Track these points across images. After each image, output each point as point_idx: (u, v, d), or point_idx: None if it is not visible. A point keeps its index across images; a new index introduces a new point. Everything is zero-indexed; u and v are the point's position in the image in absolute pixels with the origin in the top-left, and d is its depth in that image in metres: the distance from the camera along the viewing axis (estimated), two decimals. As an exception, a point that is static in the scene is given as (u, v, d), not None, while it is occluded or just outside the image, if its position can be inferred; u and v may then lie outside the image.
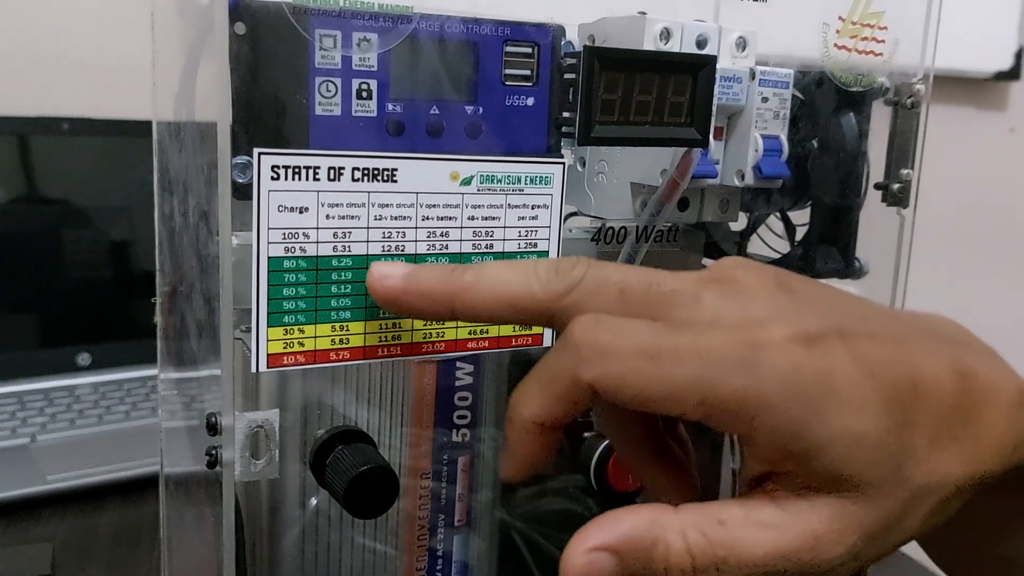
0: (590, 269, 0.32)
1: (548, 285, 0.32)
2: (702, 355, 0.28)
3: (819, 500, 0.29)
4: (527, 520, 0.49)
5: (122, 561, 0.66)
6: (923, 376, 0.30)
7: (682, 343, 0.29)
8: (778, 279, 0.32)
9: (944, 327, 0.34)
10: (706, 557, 0.28)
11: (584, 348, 0.29)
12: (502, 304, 0.32)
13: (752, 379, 0.28)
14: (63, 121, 0.94)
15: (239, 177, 0.36)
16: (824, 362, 0.29)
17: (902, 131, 0.49)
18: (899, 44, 0.47)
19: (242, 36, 0.35)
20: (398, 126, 0.38)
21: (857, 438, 0.28)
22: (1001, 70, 1.45)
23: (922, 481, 0.29)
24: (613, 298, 0.31)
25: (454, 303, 0.33)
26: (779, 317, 0.29)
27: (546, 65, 0.41)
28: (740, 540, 0.28)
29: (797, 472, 0.29)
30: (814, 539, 0.29)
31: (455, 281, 0.33)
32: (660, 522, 0.29)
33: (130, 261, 0.99)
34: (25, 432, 0.82)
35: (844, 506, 0.29)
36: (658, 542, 0.28)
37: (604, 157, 0.48)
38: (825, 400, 0.28)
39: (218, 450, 0.36)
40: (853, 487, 0.29)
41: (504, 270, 0.32)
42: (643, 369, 0.28)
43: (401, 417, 0.44)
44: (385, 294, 0.34)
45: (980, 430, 0.30)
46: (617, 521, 0.29)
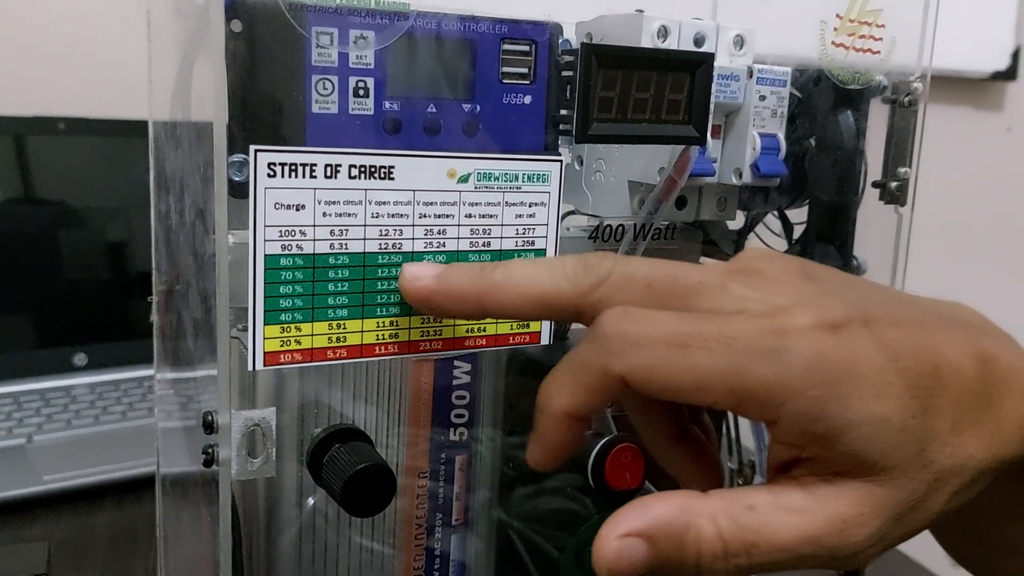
0: (617, 264, 0.32)
1: (576, 281, 0.32)
2: (730, 343, 0.29)
3: (845, 484, 0.30)
4: (525, 519, 0.49)
5: (118, 561, 0.66)
6: (946, 361, 0.30)
7: (710, 332, 0.29)
8: (803, 268, 0.33)
9: (964, 313, 0.35)
10: (737, 542, 0.29)
11: (614, 340, 0.30)
12: (531, 302, 0.33)
13: (779, 366, 0.28)
14: (59, 121, 0.94)
15: (235, 175, 0.35)
16: (848, 348, 0.29)
17: (900, 129, 0.49)
18: (896, 42, 0.47)
19: (238, 34, 0.35)
20: (395, 124, 0.38)
21: (881, 421, 0.29)
22: (998, 70, 1.45)
23: (946, 464, 0.30)
24: (640, 291, 0.32)
25: (484, 302, 0.33)
26: (804, 304, 0.30)
27: (543, 63, 0.41)
28: (769, 525, 0.29)
29: (823, 456, 0.29)
30: (841, 522, 0.29)
31: (485, 280, 0.33)
32: (691, 508, 0.29)
33: (126, 261, 0.98)
34: (21, 432, 0.82)
35: (870, 489, 0.29)
36: (689, 528, 0.29)
37: (602, 155, 0.48)
38: (849, 384, 0.29)
39: (214, 448, 0.36)
40: (878, 470, 0.29)
41: (532, 268, 0.33)
42: (672, 359, 0.29)
43: (398, 416, 0.44)
44: (417, 295, 0.35)
45: (1002, 414, 0.31)
46: (648, 507, 0.30)
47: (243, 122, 0.36)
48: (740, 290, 0.31)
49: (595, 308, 0.32)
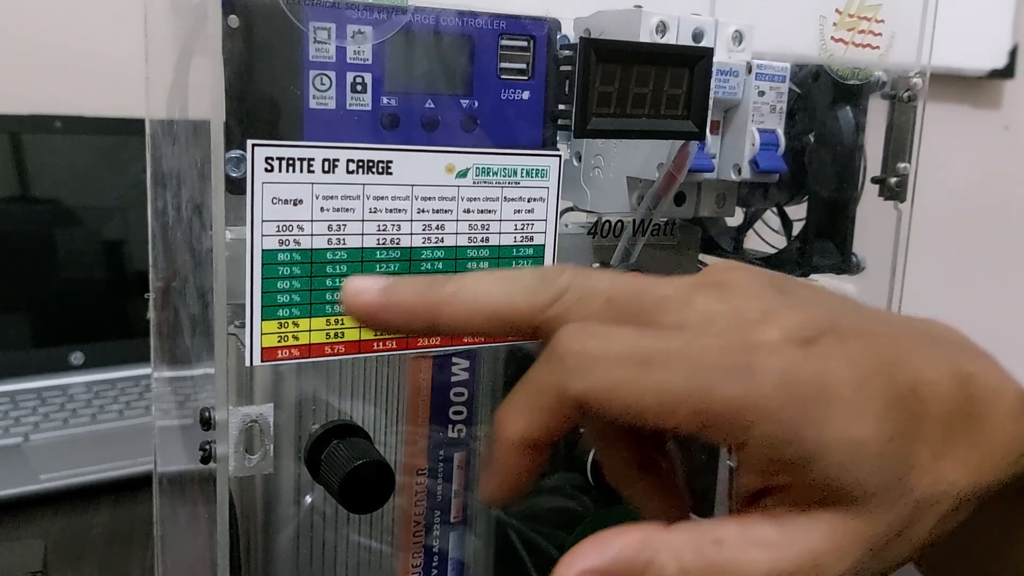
0: (576, 277, 0.30)
1: (532, 295, 0.30)
2: (694, 361, 0.27)
3: (819, 515, 0.28)
4: (523, 518, 0.49)
5: (115, 560, 0.65)
6: (923, 379, 0.29)
7: (673, 348, 0.27)
8: (772, 280, 0.31)
9: (940, 330, 0.33)
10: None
11: (569, 358, 0.28)
12: (485, 316, 0.30)
13: (747, 385, 0.27)
14: (55, 119, 0.94)
15: (233, 171, 0.35)
16: (820, 364, 0.27)
17: (899, 124, 0.49)
18: (896, 37, 0.47)
19: (235, 30, 0.35)
20: (393, 119, 0.38)
21: (857, 445, 0.27)
22: (995, 68, 1.45)
23: (927, 491, 0.28)
24: (601, 306, 0.29)
25: (435, 317, 0.31)
26: (773, 318, 0.28)
27: (542, 59, 0.40)
28: (736, 560, 0.27)
29: (795, 484, 0.28)
30: (815, 557, 0.27)
31: (435, 294, 0.31)
32: (652, 543, 0.27)
33: (123, 259, 0.98)
34: (18, 431, 0.82)
35: (845, 521, 0.27)
36: (651, 564, 0.27)
37: (600, 152, 0.48)
38: (822, 404, 0.27)
39: (212, 445, 0.36)
40: (854, 499, 0.27)
41: (487, 280, 0.31)
42: (634, 378, 0.27)
43: (396, 413, 0.44)
44: (361, 310, 0.32)
45: (983, 437, 0.29)
46: (607, 543, 0.28)
47: (240, 118, 0.36)
48: (706, 304, 0.29)
49: (552, 324, 0.29)
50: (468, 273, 0.32)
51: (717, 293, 0.29)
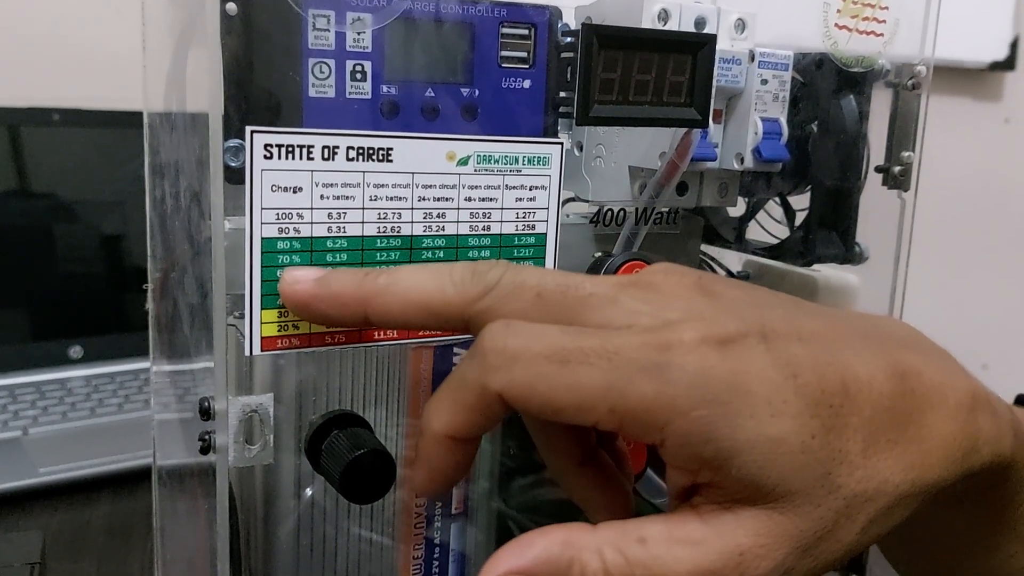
0: (507, 272, 0.31)
1: (462, 288, 0.31)
2: (611, 359, 0.27)
3: (744, 512, 0.28)
4: (524, 510, 0.49)
5: (114, 553, 0.65)
6: (854, 376, 0.28)
7: (591, 346, 0.28)
8: (700, 283, 0.31)
9: (889, 327, 0.33)
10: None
11: (491, 355, 0.28)
12: (415, 308, 0.31)
13: (661, 383, 0.27)
14: (53, 112, 0.93)
15: (231, 161, 0.35)
16: (738, 364, 0.27)
17: (903, 113, 0.48)
18: (900, 24, 0.46)
19: (233, 17, 0.35)
20: (393, 108, 0.38)
21: (776, 442, 0.27)
22: (996, 60, 1.45)
23: (856, 488, 0.28)
24: (530, 302, 0.30)
25: (367, 308, 0.32)
26: (693, 319, 0.28)
27: (543, 47, 0.40)
28: (660, 558, 0.27)
29: (717, 482, 0.28)
30: (739, 555, 0.27)
31: (368, 285, 0.32)
32: (574, 542, 0.28)
33: (122, 253, 0.98)
34: (17, 425, 0.82)
35: (771, 518, 0.27)
36: (573, 563, 0.27)
37: (602, 141, 0.47)
38: (739, 403, 0.27)
39: (211, 435, 0.35)
40: (778, 496, 0.27)
41: (419, 273, 0.32)
42: (551, 375, 0.27)
43: (397, 405, 0.43)
44: (296, 298, 0.33)
45: (923, 433, 0.29)
46: (530, 544, 0.28)
47: (239, 106, 0.35)
48: (630, 304, 0.29)
49: (481, 318, 0.30)
50: (402, 267, 0.33)
51: (643, 293, 0.30)
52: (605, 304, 0.29)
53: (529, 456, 0.48)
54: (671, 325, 0.28)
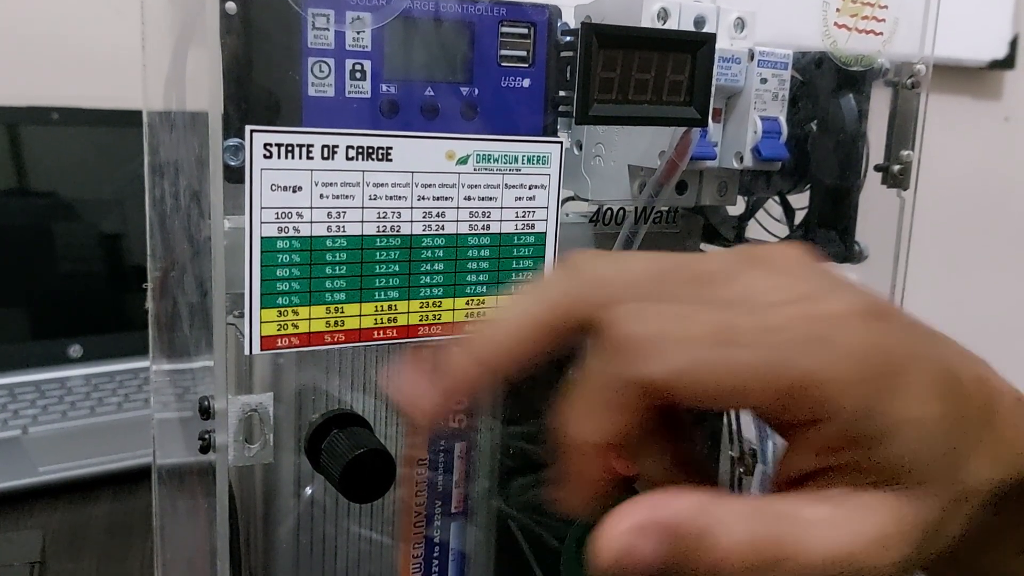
0: (616, 260, 0.28)
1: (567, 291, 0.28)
2: (768, 335, 0.25)
3: (880, 497, 0.26)
4: (524, 509, 0.49)
5: (114, 552, 0.65)
6: (958, 372, 0.28)
7: (747, 324, 0.26)
8: (809, 256, 0.29)
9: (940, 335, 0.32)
10: (762, 554, 0.25)
11: (633, 346, 0.26)
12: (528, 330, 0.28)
13: (824, 357, 0.25)
14: (52, 111, 0.93)
15: (231, 160, 0.35)
16: (887, 339, 0.26)
17: (903, 111, 0.48)
18: (899, 23, 0.46)
19: (233, 16, 0.35)
20: (392, 107, 0.38)
21: (925, 425, 0.26)
22: (996, 59, 1.45)
23: (966, 483, 0.27)
24: (649, 287, 0.27)
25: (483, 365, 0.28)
26: (837, 291, 0.27)
27: (542, 46, 0.40)
28: (800, 538, 0.25)
29: (859, 464, 0.26)
30: (880, 539, 0.26)
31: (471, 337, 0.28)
32: (711, 510, 0.25)
33: (122, 252, 0.98)
34: (16, 424, 0.82)
35: (902, 505, 0.26)
36: (707, 533, 0.25)
37: (601, 140, 0.47)
38: (895, 379, 0.26)
39: (211, 435, 0.35)
40: (913, 482, 0.26)
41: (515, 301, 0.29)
42: (710, 359, 0.25)
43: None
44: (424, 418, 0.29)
45: (1000, 433, 0.28)
46: (663, 503, 0.25)
47: (238, 105, 0.35)
48: (758, 280, 0.27)
49: (601, 313, 0.27)
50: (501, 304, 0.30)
51: (763, 267, 0.28)
52: (732, 280, 0.27)
53: (529, 455, 0.48)
54: (817, 297, 0.26)
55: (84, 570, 0.63)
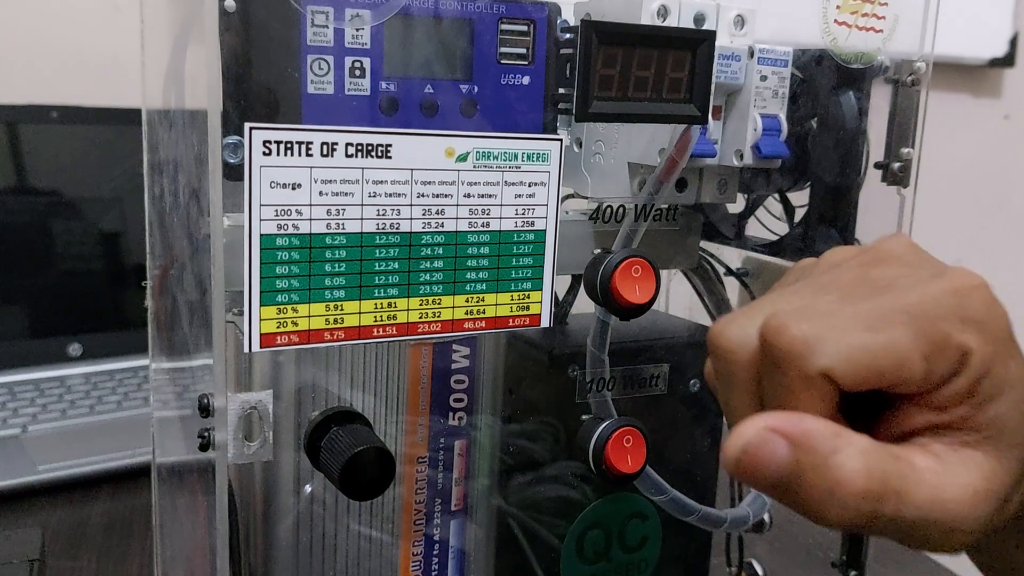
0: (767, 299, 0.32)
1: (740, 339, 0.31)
2: (910, 310, 0.28)
3: (973, 455, 0.29)
4: (524, 506, 0.49)
5: (113, 549, 0.65)
6: None
7: (890, 305, 0.29)
8: (914, 243, 0.33)
9: None
10: (879, 484, 0.27)
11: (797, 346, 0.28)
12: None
13: (961, 320, 0.28)
14: (52, 109, 0.93)
15: (230, 157, 0.35)
16: (1001, 309, 0.29)
17: (903, 109, 0.48)
18: (899, 20, 0.46)
19: (232, 13, 0.35)
20: (392, 104, 0.38)
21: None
22: (996, 57, 1.45)
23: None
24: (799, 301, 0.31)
25: None
26: (948, 270, 0.30)
27: (542, 43, 0.40)
28: (908, 479, 0.28)
29: (962, 421, 0.29)
30: (973, 493, 0.28)
31: None
32: (844, 436, 0.28)
33: (121, 250, 0.98)
34: (16, 422, 0.82)
35: (994, 464, 0.29)
36: (838, 452, 0.27)
37: (601, 137, 0.47)
38: (1011, 344, 0.29)
39: (210, 432, 0.35)
40: (1006, 445, 0.29)
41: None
42: (865, 342, 0.28)
43: (396, 401, 0.43)
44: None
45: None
46: (803, 418, 0.28)
47: (237, 103, 0.35)
48: (888, 272, 0.31)
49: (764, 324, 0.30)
50: None
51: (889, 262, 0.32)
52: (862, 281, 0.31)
53: (529, 453, 0.48)
54: (944, 274, 0.30)
55: (83, 568, 0.63)
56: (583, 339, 0.46)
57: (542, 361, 0.47)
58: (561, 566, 0.49)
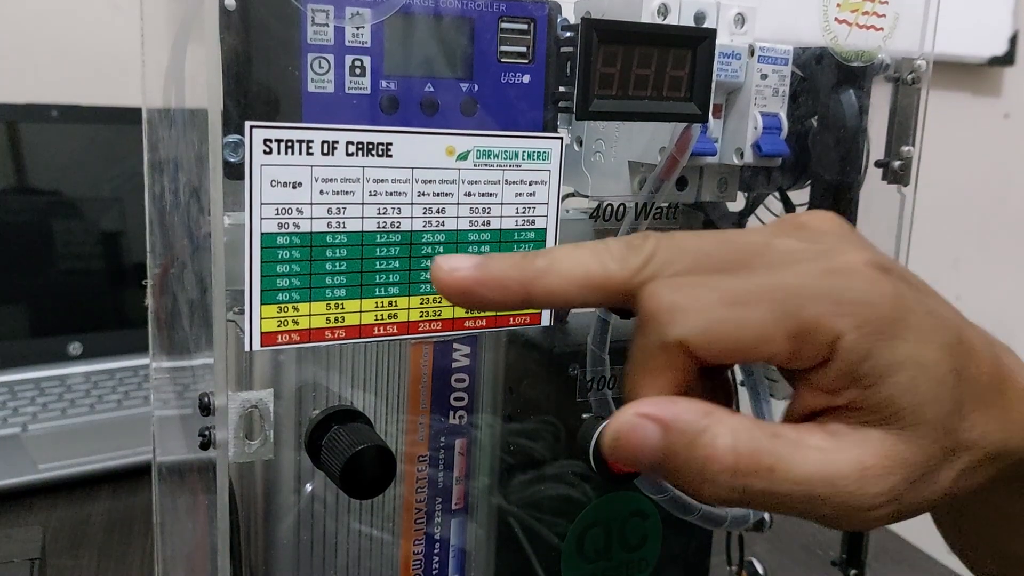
0: (662, 240, 0.32)
1: (623, 262, 0.31)
2: (782, 289, 0.29)
3: (871, 433, 0.29)
4: (524, 505, 0.49)
5: (114, 548, 0.65)
6: (967, 336, 0.30)
7: (759, 283, 0.29)
8: (845, 221, 0.33)
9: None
10: (751, 461, 0.28)
11: (662, 314, 0.29)
12: (578, 286, 0.32)
13: (834, 301, 0.28)
14: (52, 108, 0.93)
15: (231, 156, 0.35)
16: (897, 288, 0.29)
17: (903, 107, 0.48)
18: (900, 18, 0.46)
19: (232, 12, 0.35)
20: (392, 103, 0.38)
21: (922, 368, 0.29)
22: (996, 55, 1.45)
23: (962, 436, 0.30)
24: (689, 263, 0.31)
25: (530, 290, 0.32)
26: (852, 246, 0.30)
27: (542, 42, 0.40)
28: (789, 455, 0.29)
29: (856, 402, 0.29)
30: (861, 469, 0.29)
31: (528, 268, 0.32)
32: (714, 415, 0.29)
33: (121, 249, 0.98)
34: (16, 421, 0.82)
35: (894, 443, 0.29)
36: (707, 431, 0.28)
37: (601, 136, 0.47)
38: (899, 324, 0.29)
39: (211, 431, 0.35)
40: (906, 424, 0.29)
41: (576, 252, 0.32)
42: (727, 317, 0.29)
43: (397, 400, 0.43)
44: (457, 286, 0.33)
45: (1009, 404, 0.31)
46: (674, 401, 0.29)
47: (238, 101, 0.35)
48: (787, 243, 0.31)
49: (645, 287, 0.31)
50: (557, 248, 0.33)
51: (796, 232, 0.32)
52: (762, 249, 0.31)
53: (529, 452, 0.48)
54: (833, 251, 0.30)
55: (84, 567, 0.63)
56: (583, 338, 0.46)
57: (542, 360, 0.47)
58: (562, 565, 0.49)
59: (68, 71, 1.00)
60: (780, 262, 0.30)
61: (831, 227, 0.32)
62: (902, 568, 0.71)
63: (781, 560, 0.66)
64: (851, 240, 0.31)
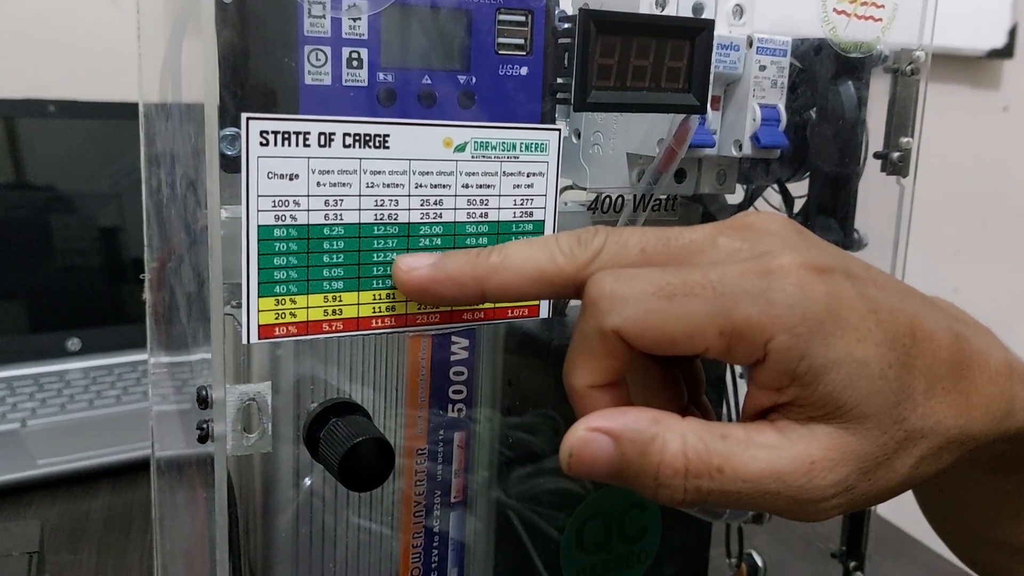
0: (610, 235, 0.33)
1: (572, 256, 0.33)
2: (716, 287, 0.30)
3: (818, 428, 0.30)
4: (524, 499, 0.49)
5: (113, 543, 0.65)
6: (920, 326, 0.31)
7: (695, 279, 0.30)
8: (792, 224, 0.34)
9: (942, 302, 0.36)
10: (701, 463, 0.29)
11: (602, 301, 0.30)
12: (531, 281, 0.33)
13: (765, 303, 0.29)
14: (49, 103, 0.93)
15: (227, 149, 0.35)
16: (832, 289, 0.30)
17: (902, 98, 0.48)
18: (899, 10, 0.46)
19: (228, 4, 0.35)
20: (389, 95, 0.37)
21: (861, 364, 0.29)
22: (995, 48, 1.45)
23: (916, 424, 0.30)
24: (635, 258, 0.32)
25: (484, 286, 0.33)
26: (790, 248, 0.31)
27: (540, 34, 0.40)
28: (737, 454, 0.30)
29: (800, 399, 0.30)
30: (810, 463, 0.30)
31: (482, 264, 0.34)
32: (663, 421, 0.30)
33: (119, 245, 0.98)
34: (15, 417, 0.82)
35: (841, 436, 0.30)
36: (656, 438, 0.30)
37: (599, 128, 0.47)
38: (833, 324, 0.29)
39: (209, 424, 0.35)
40: (852, 417, 0.30)
41: (528, 247, 0.34)
42: (661, 309, 0.30)
43: (395, 393, 0.43)
44: (414, 284, 0.35)
45: (971, 388, 0.32)
46: (623, 412, 0.31)
47: (234, 94, 0.35)
48: (729, 243, 0.32)
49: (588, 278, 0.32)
50: (508, 243, 0.35)
51: (740, 232, 0.33)
52: (705, 247, 0.32)
53: (528, 445, 0.48)
54: (769, 253, 0.30)
55: (83, 561, 0.63)
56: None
57: (541, 353, 0.47)
58: (561, 557, 0.49)
59: (65, 66, 0.99)
60: (719, 260, 0.31)
61: (776, 228, 0.33)
62: (902, 560, 0.72)
63: (781, 552, 0.66)
64: (791, 242, 0.32)
